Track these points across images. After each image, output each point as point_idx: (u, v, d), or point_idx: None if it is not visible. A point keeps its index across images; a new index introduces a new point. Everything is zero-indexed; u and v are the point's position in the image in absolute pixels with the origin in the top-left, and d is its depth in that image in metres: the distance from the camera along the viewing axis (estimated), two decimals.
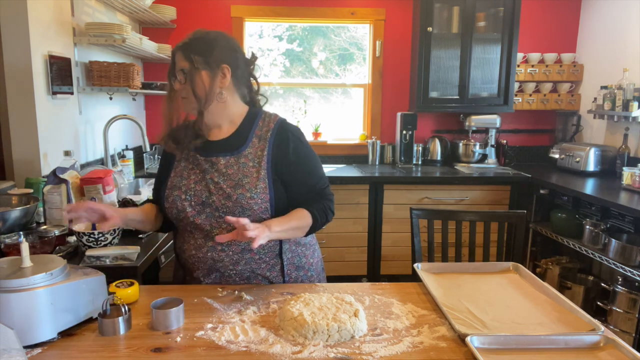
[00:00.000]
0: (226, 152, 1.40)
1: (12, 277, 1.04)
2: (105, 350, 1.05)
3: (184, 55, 1.34)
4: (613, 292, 2.60)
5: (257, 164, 1.38)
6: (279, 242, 1.42)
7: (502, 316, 1.21)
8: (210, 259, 1.39)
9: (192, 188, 1.39)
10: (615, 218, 2.68)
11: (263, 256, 1.41)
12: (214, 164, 1.39)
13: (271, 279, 1.44)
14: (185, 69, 1.34)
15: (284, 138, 1.42)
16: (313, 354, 1.03)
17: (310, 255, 1.52)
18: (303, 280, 1.49)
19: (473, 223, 1.98)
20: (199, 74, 1.33)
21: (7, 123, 2.16)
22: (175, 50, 1.37)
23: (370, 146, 3.86)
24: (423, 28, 3.58)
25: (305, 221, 1.38)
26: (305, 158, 1.44)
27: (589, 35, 3.82)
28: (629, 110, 3.05)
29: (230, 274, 1.41)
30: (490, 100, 3.72)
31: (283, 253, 1.43)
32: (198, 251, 1.40)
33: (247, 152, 1.40)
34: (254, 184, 1.35)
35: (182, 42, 1.37)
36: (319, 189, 1.46)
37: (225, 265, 1.39)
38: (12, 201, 1.89)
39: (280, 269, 1.44)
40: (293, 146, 1.42)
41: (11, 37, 2.10)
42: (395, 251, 3.48)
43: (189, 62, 1.33)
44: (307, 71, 4.06)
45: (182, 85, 1.35)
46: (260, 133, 1.42)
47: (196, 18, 3.72)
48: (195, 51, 1.33)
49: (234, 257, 1.39)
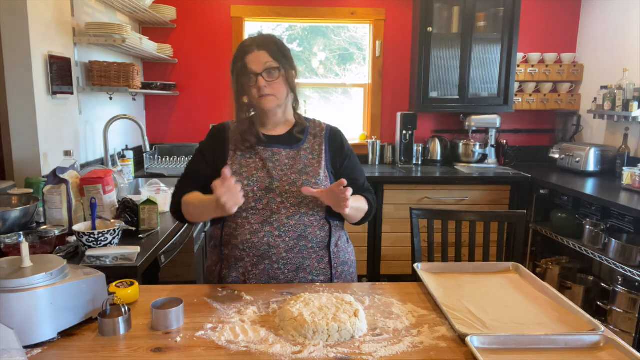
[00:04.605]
0: (285, 146, 1.50)
1: (12, 277, 1.04)
2: (105, 350, 1.05)
3: (271, 54, 1.40)
4: (613, 292, 2.60)
5: (316, 156, 1.50)
6: (329, 233, 1.48)
7: (502, 316, 1.21)
8: (266, 244, 1.41)
9: (254, 174, 1.43)
10: (615, 218, 2.68)
11: (315, 246, 1.45)
12: (275, 153, 1.47)
13: (319, 270, 1.47)
14: (275, 68, 1.40)
15: (337, 137, 1.57)
16: (313, 354, 1.03)
17: (351, 252, 1.61)
18: (347, 275, 1.55)
19: (473, 223, 1.98)
20: (291, 74, 1.45)
21: (7, 123, 2.16)
22: (254, 49, 1.40)
23: (370, 146, 3.86)
24: (423, 28, 3.58)
25: (365, 205, 1.52)
26: (354, 157, 1.60)
27: (589, 35, 3.82)
28: (629, 110, 3.05)
29: (279, 266, 1.42)
30: (490, 100, 3.72)
31: (331, 245, 1.49)
32: (254, 236, 1.41)
33: (305, 146, 1.51)
34: (317, 172, 1.46)
35: (259, 42, 1.41)
36: (365, 185, 1.60)
37: (279, 252, 1.41)
38: (12, 201, 1.89)
39: (329, 261, 1.48)
40: (345, 145, 1.58)
41: (11, 37, 2.10)
42: (395, 251, 3.48)
43: (278, 62, 1.41)
44: (307, 71, 4.06)
45: (268, 82, 1.40)
46: (314, 132, 1.55)
47: (196, 18, 3.72)
48: (280, 53, 1.42)
49: (290, 244, 1.42)
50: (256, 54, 1.40)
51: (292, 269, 1.43)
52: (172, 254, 2.05)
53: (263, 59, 1.40)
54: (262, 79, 1.40)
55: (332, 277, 1.49)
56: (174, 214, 1.52)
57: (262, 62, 1.39)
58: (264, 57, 1.40)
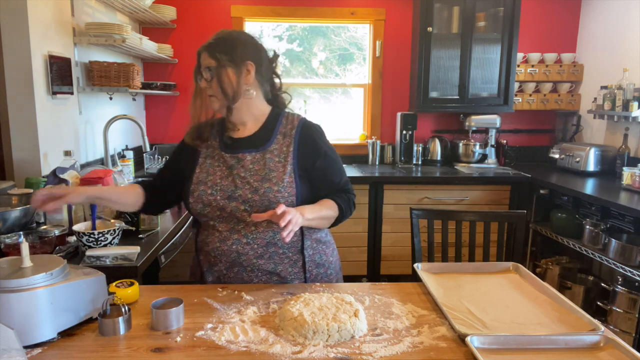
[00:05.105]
0: (252, 149, 1.44)
1: (12, 277, 1.04)
2: (105, 350, 1.05)
3: (210, 54, 1.38)
4: (613, 292, 2.60)
5: (282, 159, 1.42)
6: (301, 237, 1.45)
7: (502, 316, 1.21)
8: (235, 252, 1.40)
9: (218, 183, 1.41)
10: (615, 218, 2.68)
11: (286, 251, 1.43)
12: (240, 160, 1.42)
13: (293, 275, 1.45)
14: (211, 67, 1.37)
15: (308, 135, 1.47)
16: (313, 354, 1.03)
17: (330, 253, 1.54)
18: (323, 277, 1.51)
19: (473, 223, 1.98)
20: (226, 72, 1.37)
21: (7, 123, 2.16)
22: (201, 50, 1.41)
23: (370, 146, 3.86)
24: (423, 28, 3.58)
25: (333, 211, 1.44)
26: (329, 155, 1.48)
27: (589, 35, 3.82)
28: (629, 110, 3.05)
29: (252, 268, 1.41)
30: (490, 100, 3.72)
31: (305, 249, 1.45)
32: (222, 244, 1.41)
33: (272, 148, 1.43)
34: (281, 178, 1.39)
35: (206, 42, 1.41)
36: (342, 184, 1.51)
37: (249, 259, 1.40)
38: (12, 201, 1.89)
39: (302, 265, 1.45)
40: (318, 143, 1.47)
41: (11, 37, 2.10)
42: (395, 251, 3.48)
43: (215, 60, 1.37)
44: (307, 71, 4.06)
45: (208, 83, 1.39)
46: (284, 130, 1.46)
47: (196, 18, 3.72)
48: (219, 50, 1.37)
49: (259, 251, 1.40)
50: (203, 56, 1.40)
51: (264, 273, 1.42)
52: (172, 254, 2.05)
53: (205, 60, 1.39)
54: (203, 80, 1.39)
55: (307, 280, 1.47)
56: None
57: (204, 64, 1.39)
58: (205, 58, 1.39)
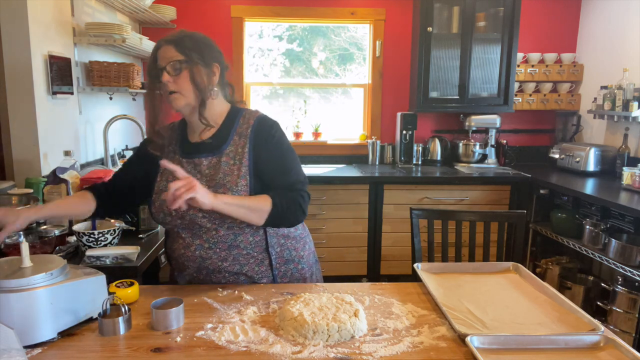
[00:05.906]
0: (208, 153, 1.40)
1: (12, 277, 1.05)
2: (105, 350, 1.05)
3: (178, 49, 1.31)
4: (613, 292, 2.60)
5: (237, 161, 1.38)
6: (265, 236, 1.42)
7: (502, 316, 1.21)
8: (199, 257, 1.40)
9: None
10: (615, 218, 2.68)
11: (251, 251, 1.41)
12: (196, 165, 1.40)
13: (260, 273, 1.43)
14: (181, 61, 1.31)
15: (263, 130, 1.41)
16: (313, 354, 1.03)
17: (300, 248, 1.52)
18: (294, 273, 1.49)
19: (473, 223, 1.98)
20: (197, 68, 1.32)
21: (7, 123, 2.16)
22: (162, 44, 1.34)
23: (370, 146, 3.86)
24: (423, 28, 3.58)
25: (262, 204, 1.33)
26: (281, 153, 1.42)
27: (589, 35, 3.82)
28: (629, 110, 3.05)
29: (219, 270, 1.41)
30: (490, 100, 3.72)
31: (270, 247, 1.43)
32: (186, 250, 1.41)
33: (228, 150, 1.39)
34: (235, 182, 1.35)
35: (170, 37, 1.34)
36: (292, 183, 1.41)
37: (213, 263, 1.40)
38: (12, 201, 1.89)
39: (269, 263, 1.44)
40: (272, 137, 1.41)
41: (11, 37, 2.10)
42: (395, 251, 3.48)
43: (185, 55, 1.31)
44: (307, 71, 4.06)
45: (173, 78, 1.32)
46: (241, 130, 1.42)
47: (196, 18, 3.72)
48: (188, 47, 1.32)
49: (222, 254, 1.39)
50: (164, 49, 1.32)
51: (231, 274, 1.42)
52: None
53: (169, 53, 1.31)
54: (165, 74, 1.31)
55: (275, 277, 1.45)
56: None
57: (168, 57, 1.31)
58: (170, 52, 1.31)
